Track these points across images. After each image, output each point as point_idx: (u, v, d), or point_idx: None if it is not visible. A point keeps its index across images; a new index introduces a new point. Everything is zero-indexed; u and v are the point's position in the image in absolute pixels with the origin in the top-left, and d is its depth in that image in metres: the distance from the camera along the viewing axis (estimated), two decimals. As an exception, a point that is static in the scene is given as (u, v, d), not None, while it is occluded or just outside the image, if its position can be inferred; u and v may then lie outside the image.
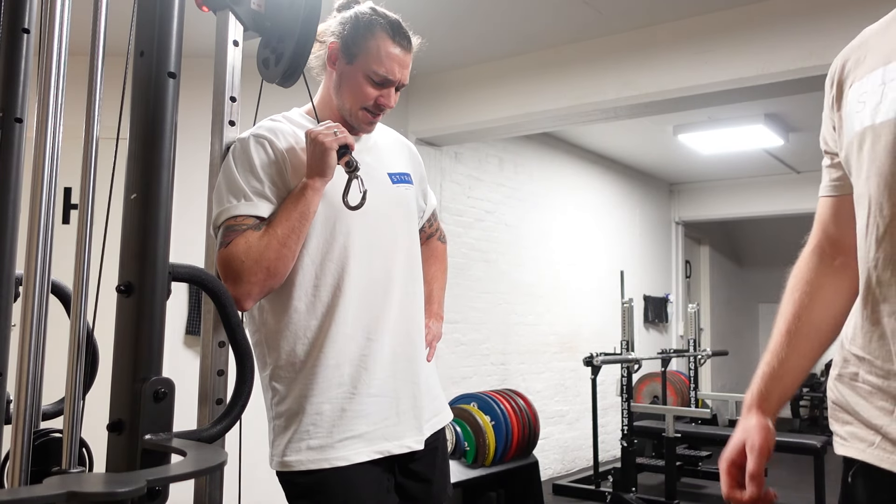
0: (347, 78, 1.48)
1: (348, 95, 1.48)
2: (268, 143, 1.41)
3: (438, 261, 1.80)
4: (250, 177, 1.37)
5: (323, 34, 1.51)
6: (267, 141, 1.41)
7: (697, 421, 5.43)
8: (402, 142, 1.70)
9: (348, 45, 1.47)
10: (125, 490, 0.66)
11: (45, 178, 0.89)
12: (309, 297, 1.43)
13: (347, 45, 1.47)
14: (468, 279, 4.93)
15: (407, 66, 1.50)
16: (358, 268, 1.45)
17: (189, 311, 3.78)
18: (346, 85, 1.48)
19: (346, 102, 1.49)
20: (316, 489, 1.39)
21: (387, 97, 1.49)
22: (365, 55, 1.45)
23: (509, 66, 4.13)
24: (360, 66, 1.46)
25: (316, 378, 1.41)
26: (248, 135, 1.42)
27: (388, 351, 1.48)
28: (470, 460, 3.99)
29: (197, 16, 1.43)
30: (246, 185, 1.37)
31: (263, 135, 1.42)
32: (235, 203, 1.36)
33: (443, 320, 1.76)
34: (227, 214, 1.36)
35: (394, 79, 1.48)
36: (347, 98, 1.49)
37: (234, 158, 1.39)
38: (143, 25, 0.92)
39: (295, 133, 1.46)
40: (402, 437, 1.48)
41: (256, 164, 1.38)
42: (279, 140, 1.43)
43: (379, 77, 1.46)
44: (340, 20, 1.50)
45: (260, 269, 1.31)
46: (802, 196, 7.05)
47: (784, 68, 3.33)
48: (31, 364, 0.85)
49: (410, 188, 1.61)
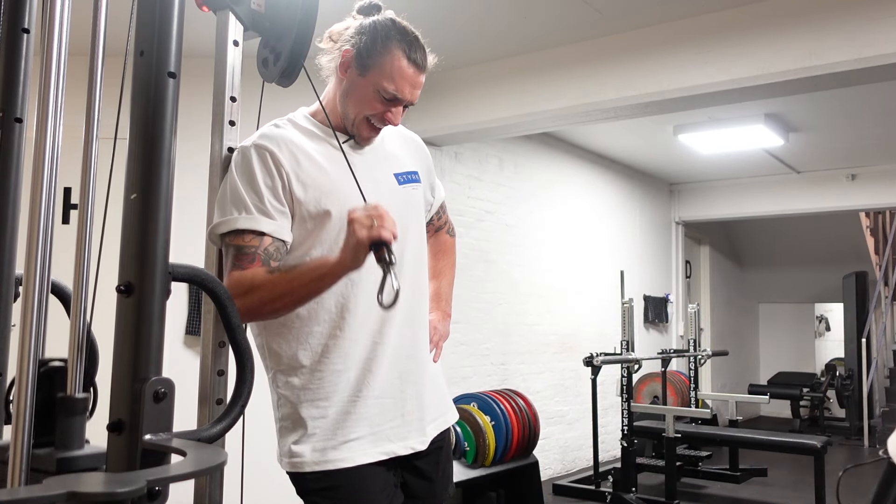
0: (357, 89, 1.45)
1: (354, 105, 1.46)
2: (269, 156, 1.39)
3: (447, 255, 1.79)
4: (250, 191, 1.37)
5: (339, 36, 1.48)
6: (268, 153, 1.39)
7: (697, 421, 5.43)
8: (407, 136, 1.67)
9: (363, 56, 1.43)
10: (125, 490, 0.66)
11: (45, 178, 0.89)
12: (311, 305, 1.41)
13: (362, 57, 1.43)
14: (468, 279, 4.93)
15: (419, 86, 1.47)
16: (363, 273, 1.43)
17: (189, 311, 3.78)
18: (354, 95, 1.46)
19: (351, 112, 1.47)
20: (323, 489, 1.39)
21: (394, 115, 1.47)
22: (378, 70, 1.42)
23: (509, 66, 4.13)
24: (371, 80, 1.43)
25: (320, 383, 1.41)
26: (249, 143, 1.40)
27: (393, 353, 1.47)
28: (470, 460, 3.99)
29: (197, 16, 1.43)
30: (247, 198, 1.36)
31: (265, 146, 1.40)
32: (236, 216, 1.35)
33: (450, 318, 1.75)
34: (229, 227, 1.35)
35: (403, 98, 1.45)
36: (353, 108, 1.46)
37: (237, 168, 1.38)
38: (143, 25, 0.92)
39: (300, 140, 1.45)
40: (406, 439, 1.48)
41: (258, 177, 1.37)
42: (282, 151, 1.41)
43: (389, 95, 1.43)
44: (358, 28, 1.46)
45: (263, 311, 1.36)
46: (802, 196, 7.06)
47: (784, 68, 3.33)
48: (31, 364, 0.85)
49: (418, 187, 1.59)
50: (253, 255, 1.34)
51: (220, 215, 1.37)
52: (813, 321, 9.72)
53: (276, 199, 1.38)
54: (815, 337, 9.71)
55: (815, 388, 8.31)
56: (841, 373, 8.24)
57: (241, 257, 1.34)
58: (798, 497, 4.90)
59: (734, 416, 5.67)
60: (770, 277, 9.80)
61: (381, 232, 1.23)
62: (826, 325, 9.78)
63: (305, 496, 1.42)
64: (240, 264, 1.34)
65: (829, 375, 8.42)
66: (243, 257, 1.34)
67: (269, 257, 1.36)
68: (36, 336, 0.86)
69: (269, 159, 1.39)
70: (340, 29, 1.49)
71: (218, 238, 1.38)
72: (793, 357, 9.66)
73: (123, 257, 0.88)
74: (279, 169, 1.39)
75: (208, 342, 1.31)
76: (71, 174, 0.92)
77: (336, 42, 1.49)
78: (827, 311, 9.70)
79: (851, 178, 6.72)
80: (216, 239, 1.39)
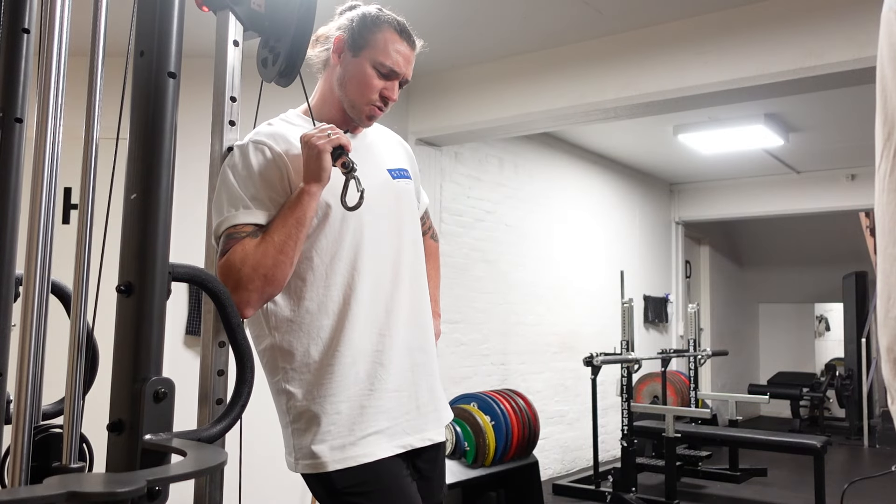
0: (353, 69, 1.49)
1: (354, 88, 1.49)
2: (267, 149, 1.40)
3: (432, 259, 1.82)
4: (248, 183, 1.37)
5: (327, 33, 1.53)
6: (266, 147, 1.41)
7: (697, 421, 5.43)
8: (396, 139, 1.71)
9: (355, 37, 1.48)
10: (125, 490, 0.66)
11: (45, 178, 0.89)
12: (320, 297, 1.43)
13: (354, 37, 1.48)
14: (468, 279, 4.93)
15: (411, 63, 1.53)
16: (368, 263, 1.46)
17: (189, 311, 3.78)
18: (352, 77, 1.49)
19: (351, 94, 1.50)
20: (353, 486, 1.39)
21: (391, 90, 1.51)
22: (372, 47, 1.47)
23: (509, 66, 4.13)
24: (366, 58, 1.48)
25: (332, 377, 1.41)
26: (246, 141, 1.41)
27: (402, 344, 1.48)
28: (470, 460, 3.99)
29: (197, 16, 1.43)
30: (244, 193, 1.36)
31: (262, 140, 1.41)
32: (234, 212, 1.35)
33: (440, 318, 1.77)
34: (227, 224, 1.35)
35: (399, 71, 1.50)
36: (353, 90, 1.49)
37: (233, 166, 1.38)
38: (143, 25, 0.92)
39: (293, 134, 1.46)
40: (423, 430, 1.49)
41: (255, 170, 1.38)
42: (278, 144, 1.42)
43: (386, 69, 1.48)
44: (347, 17, 1.52)
45: (257, 276, 1.30)
46: (802, 196, 7.06)
47: (784, 68, 3.33)
48: (31, 364, 0.85)
49: (410, 183, 1.63)
50: (241, 236, 1.34)
51: (218, 216, 1.37)
52: (813, 321, 9.72)
53: (273, 192, 1.39)
54: (815, 337, 9.71)
55: (814, 388, 8.31)
56: (841, 373, 8.23)
57: (230, 241, 1.34)
58: (798, 497, 4.90)
59: (734, 416, 5.67)
60: (770, 277, 9.80)
61: (340, 138, 1.34)
62: (826, 325, 9.78)
63: (336, 496, 1.40)
64: (224, 249, 1.33)
65: (829, 375, 8.42)
66: (231, 241, 1.33)
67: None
68: (36, 336, 0.86)
69: (268, 151, 1.40)
70: (325, 29, 1.54)
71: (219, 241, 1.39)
72: (793, 357, 9.66)
73: (123, 257, 0.88)
74: (277, 160, 1.40)
75: (208, 342, 1.31)
76: (71, 174, 0.92)
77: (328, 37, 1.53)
78: (827, 311, 9.69)
79: (851, 178, 6.72)
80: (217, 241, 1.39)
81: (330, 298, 1.43)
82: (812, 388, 8.32)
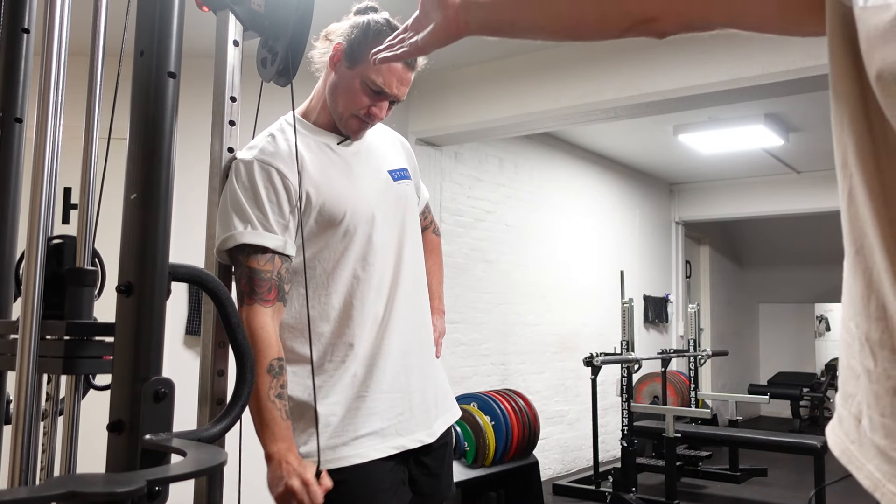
0: (345, 81, 1.48)
1: (342, 99, 1.49)
2: (275, 171, 1.41)
3: (434, 254, 1.82)
4: (255, 207, 1.38)
5: (333, 33, 1.52)
6: (274, 169, 1.41)
7: (697, 421, 5.43)
8: (394, 136, 1.71)
9: (353, 49, 1.46)
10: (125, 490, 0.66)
11: (45, 178, 0.89)
12: (322, 305, 1.45)
13: (352, 50, 1.46)
14: (468, 279, 4.93)
15: (407, 82, 1.49)
16: (369, 271, 1.47)
17: (189, 311, 3.78)
18: (342, 88, 1.48)
19: (339, 106, 1.50)
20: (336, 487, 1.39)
21: (380, 108, 1.49)
22: (366, 63, 1.44)
23: (509, 66, 4.13)
24: (359, 73, 1.46)
25: (328, 381, 1.43)
26: (251, 158, 1.41)
27: (398, 348, 1.50)
28: (470, 460, 3.99)
29: (197, 16, 1.43)
30: (252, 213, 1.38)
31: (268, 161, 1.41)
32: (242, 230, 1.36)
33: (444, 314, 1.78)
34: (235, 241, 1.36)
35: (390, 92, 1.47)
36: (341, 102, 1.49)
37: (239, 182, 1.39)
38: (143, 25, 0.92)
39: (299, 149, 1.46)
40: (414, 432, 1.50)
41: (262, 195, 1.39)
42: (284, 166, 1.42)
43: (376, 87, 1.46)
44: (352, 23, 1.49)
45: None
46: (802, 196, 7.06)
47: (784, 68, 3.33)
48: (31, 364, 0.85)
49: (409, 184, 1.63)
50: (269, 281, 1.37)
51: (224, 230, 1.38)
52: (813, 321, 9.72)
53: (280, 216, 1.40)
54: (815, 337, 9.71)
55: (815, 388, 8.31)
56: (841, 373, 8.23)
57: (260, 283, 1.36)
58: (798, 497, 4.90)
59: (734, 416, 5.67)
60: (770, 277, 9.80)
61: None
62: (826, 325, 9.78)
63: None
64: (260, 293, 1.36)
65: (829, 375, 8.42)
66: (262, 283, 1.36)
67: (282, 282, 1.40)
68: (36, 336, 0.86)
69: (275, 174, 1.41)
70: (334, 27, 1.53)
71: (226, 254, 1.39)
72: (793, 357, 9.66)
73: (123, 257, 0.88)
74: (284, 182, 1.41)
75: (208, 342, 1.31)
76: (71, 174, 0.92)
77: (331, 40, 1.52)
78: (827, 311, 9.69)
79: (851, 178, 6.72)
80: (223, 256, 1.39)
81: (330, 305, 1.45)
82: (812, 389, 8.32)
